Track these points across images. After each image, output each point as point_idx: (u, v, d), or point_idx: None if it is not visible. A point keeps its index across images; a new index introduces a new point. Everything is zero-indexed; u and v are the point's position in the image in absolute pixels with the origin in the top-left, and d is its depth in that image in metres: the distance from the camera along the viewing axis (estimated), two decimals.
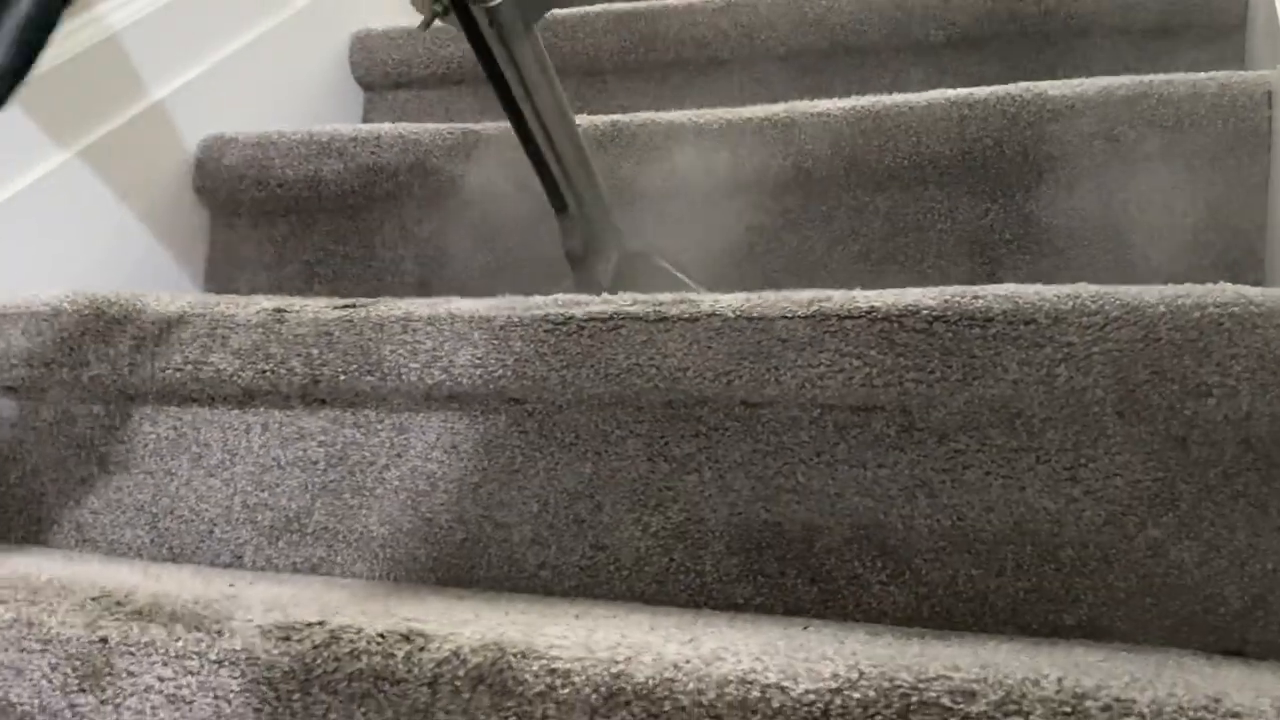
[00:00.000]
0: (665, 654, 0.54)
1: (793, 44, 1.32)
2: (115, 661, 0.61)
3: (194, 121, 1.21)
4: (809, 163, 1.04)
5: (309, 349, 0.84)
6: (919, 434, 0.72)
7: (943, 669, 0.50)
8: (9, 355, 0.92)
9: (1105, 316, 0.68)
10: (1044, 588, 0.69)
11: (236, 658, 0.58)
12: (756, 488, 0.75)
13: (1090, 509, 0.69)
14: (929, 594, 0.71)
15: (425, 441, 0.82)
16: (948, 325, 0.70)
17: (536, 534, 0.79)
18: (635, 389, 0.77)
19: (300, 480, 0.85)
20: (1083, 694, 0.48)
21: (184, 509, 0.88)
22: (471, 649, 0.55)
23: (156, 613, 0.62)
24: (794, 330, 0.73)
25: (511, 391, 0.80)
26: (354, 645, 0.57)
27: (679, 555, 0.76)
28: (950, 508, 0.71)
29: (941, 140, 1.01)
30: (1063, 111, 0.98)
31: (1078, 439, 0.69)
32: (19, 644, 0.63)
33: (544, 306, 0.80)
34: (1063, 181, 0.99)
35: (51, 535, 0.92)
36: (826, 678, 0.51)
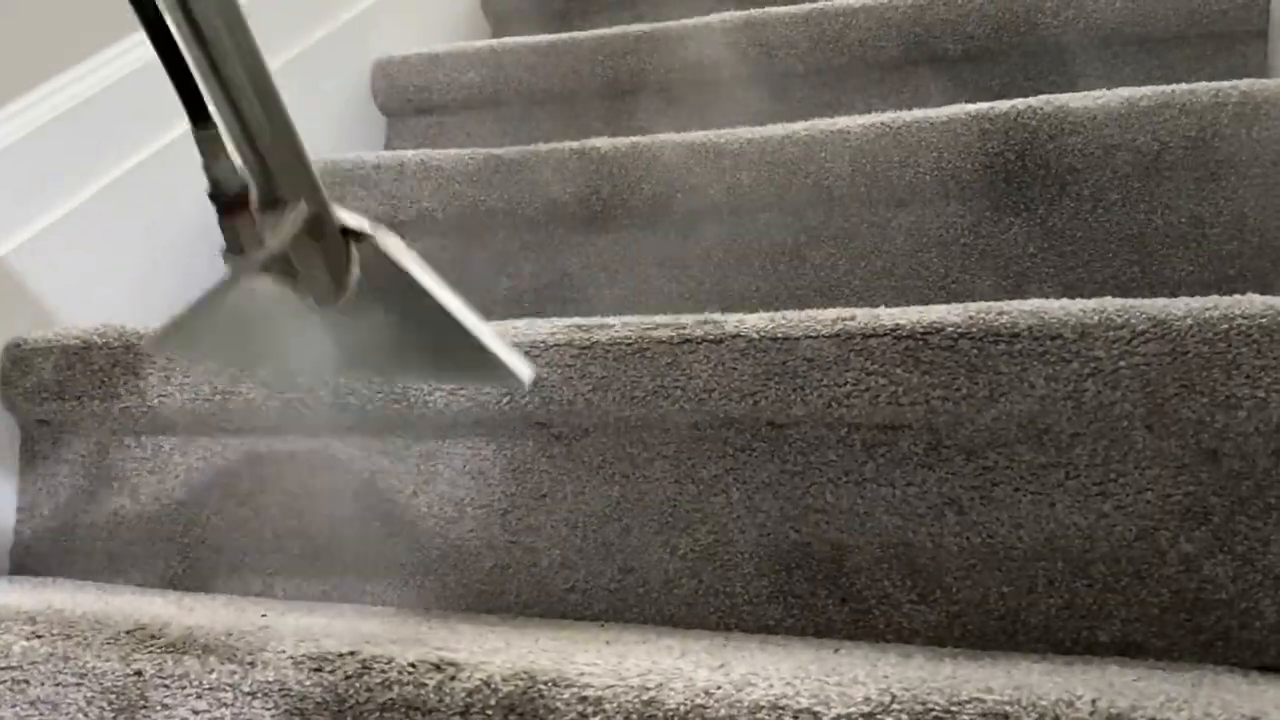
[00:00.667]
0: (696, 680, 0.54)
1: (811, 61, 1.32)
2: (150, 694, 0.61)
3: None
4: (830, 180, 1.04)
5: (336, 378, 0.84)
6: (947, 451, 0.72)
7: (976, 691, 0.50)
8: (41, 389, 0.93)
9: (1132, 330, 0.67)
10: (1076, 604, 0.69)
11: (270, 689, 0.59)
12: (785, 508, 0.75)
13: (1121, 524, 0.68)
14: (960, 612, 0.71)
15: (453, 468, 0.83)
16: (973, 342, 0.70)
17: (565, 558, 0.79)
18: (661, 411, 0.77)
19: (329, 508, 0.85)
20: (1117, 715, 0.48)
21: (215, 539, 0.88)
22: (503, 677, 0.55)
23: (190, 645, 0.62)
24: (819, 350, 0.73)
25: (537, 416, 0.80)
26: (385, 675, 0.57)
27: (708, 577, 0.76)
28: (980, 525, 0.71)
29: (963, 155, 1.01)
30: (1085, 124, 0.97)
31: (1107, 454, 0.69)
32: (55, 678, 0.63)
33: (569, 331, 0.80)
34: (1086, 194, 0.98)
35: (84, 567, 0.93)
36: (859, 701, 0.51)
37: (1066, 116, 0.98)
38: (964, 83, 1.26)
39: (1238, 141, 0.94)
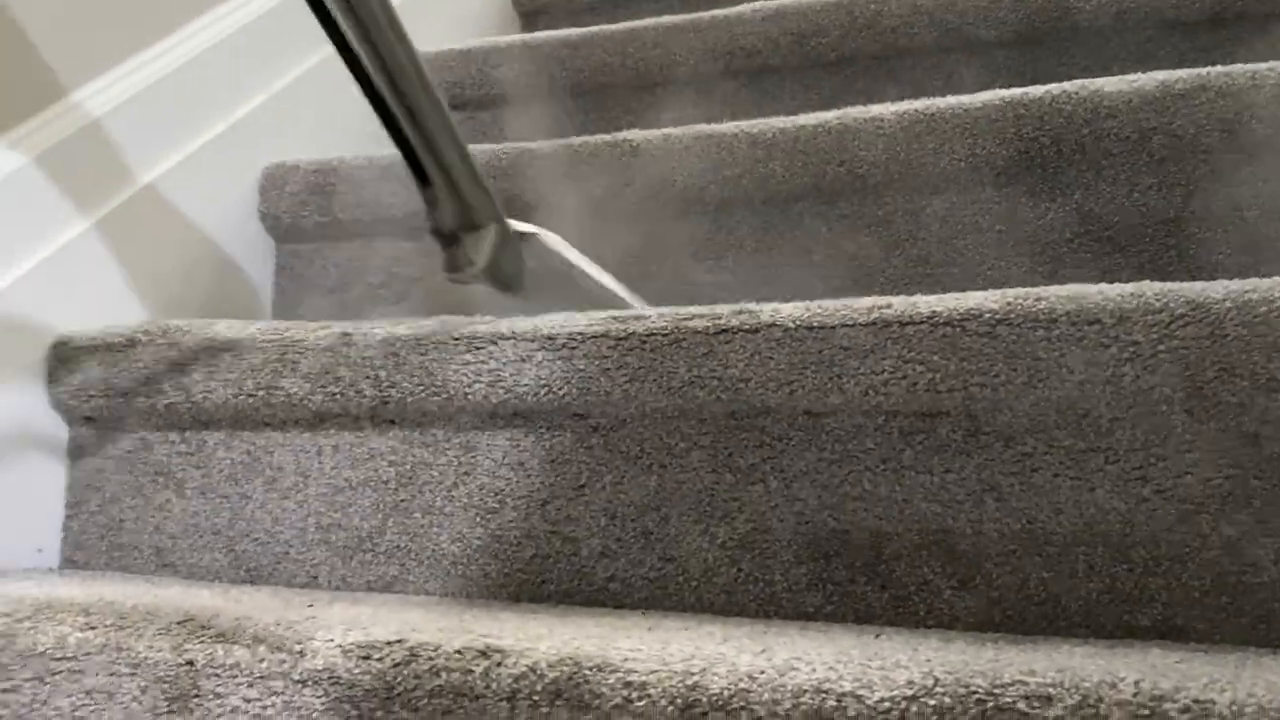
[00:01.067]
0: (739, 665, 0.54)
1: (843, 49, 1.32)
2: (202, 683, 0.62)
3: (256, 150, 1.24)
4: (864, 168, 1.04)
5: (377, 371, 0.85)
6: (985, 438, 0.72)
7: (1018, 674, 0.50)
8: (87, 386, 0.95)
9: (1171, 314, 0.67)
10: (1117, 589, 0.69)
11: (319, 677, 0.60)
12: (823, 496, 0.75)
13: (1162, 508, 0.68)
14: (1000, 598, 0.71)
15: (492, 459, 0.84)
16: (1011, 328, 0.70)
17: (605, 547, 0.80)
18: (698, 401, 0.78)
19: (372, 500, 0.86)
20: (1161, 696, 0.48)
21: (260, 531, 0.90)
22: (548, 663, 0.56)
23: (240, 635, 0.63)
24: (855, 338, 0.74)
25: (575, 407, 0.81)
26: (433, 662, 0.58)
27: (747, 565, 0.77)
28: (1019, 511, 0.71)
29: (997, 141, 1.00)
30: (1119, 108, 0.97)
31: (1147, 438, 0.69)
32: (109, 668, 0.65)
33: (605, 323, 0.81)
34: (1122, 179, 0.98)
35: (132, 561, 0.95)
36: (901, 685, 0.51)
37: (1101, 101, 0.98)
38: (998, 69, 1.26)
39: (1275, 123, 0.93)
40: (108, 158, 1.05)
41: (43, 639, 0.67)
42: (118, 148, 1.06)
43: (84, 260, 1.01)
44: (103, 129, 1.04)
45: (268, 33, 1.26)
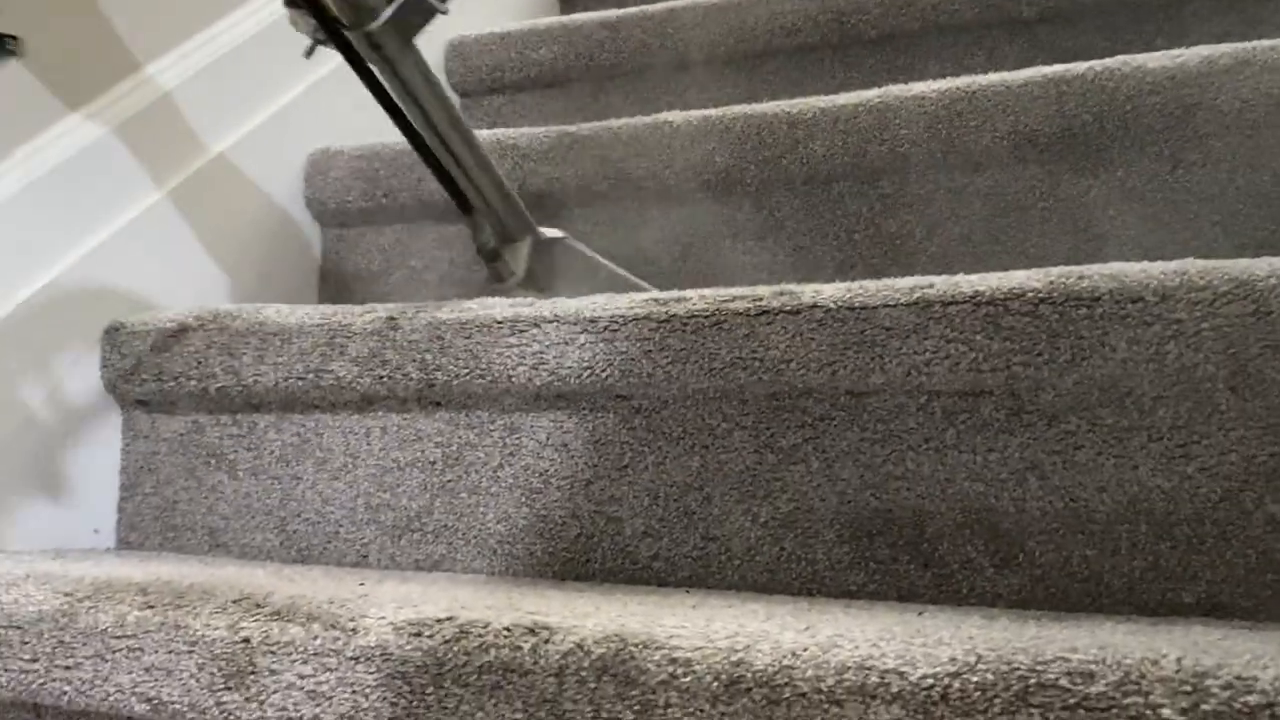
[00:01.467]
0: (783, 642, 0.55)
1: (884, 27, 1.31)
2: (258, 660, 0.64)
3: (301, 136, 1.25)
4: (905, 147, 1.04)
5: (423, 354, 0.87)
6: (1028, 417, 0.72)
7: (1060, 651, 0.51)
8: (140, 370, 0.97)
9: (1214, 291, 0.67)
10: (1160, 566, 0.69)
11: (371, 654, 0.61)
12: (865, 476, 0.76)
13: (1205, 486, 0.68)
14: (1043, 576, 0.71)
15: (537, 440, 0.85)
16: (1054, 307, 0.70)
17: (648, 527, 0.81)
18: (740, 382, 0.78)
19: (419, 481, 0.88)
20: (1203, 673, 0.48)
21: (310, 512, 0.91)
22: (595, 640, 0.57)
23: (294, 613, 0.65)
24: (897, 318, 0.74)
25: (618, 389, 0.82)
26: (482, 639, 0.59)
27: (789, 544, 0.77)
28: (1062, 489, 0.71)
29: (1040, 118, 1.00)
30: (1164, 83, 0.96)
31: (1190, 416, 0.69)
32: (168, 645, 0.66)
33: (646, 305, 0.81)
34: (1165, 155, 0.97)
35: (186, 541, 0.97)
36: (944, 662, 0.52)
37: (1145, 77, 0.97)
38: (1040, 45, 1.25)
39: None
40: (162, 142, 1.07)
41: (103, 618, 0.69)
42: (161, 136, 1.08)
43: (135, 246, 1.03)
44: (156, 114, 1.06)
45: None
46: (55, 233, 0.97)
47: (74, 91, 1.00)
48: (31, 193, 0.95)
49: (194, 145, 1.11)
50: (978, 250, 1.02)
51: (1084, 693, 0.49)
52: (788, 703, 0.53)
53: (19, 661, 0.70)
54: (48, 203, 0.96)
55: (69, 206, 0.98)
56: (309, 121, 1.26)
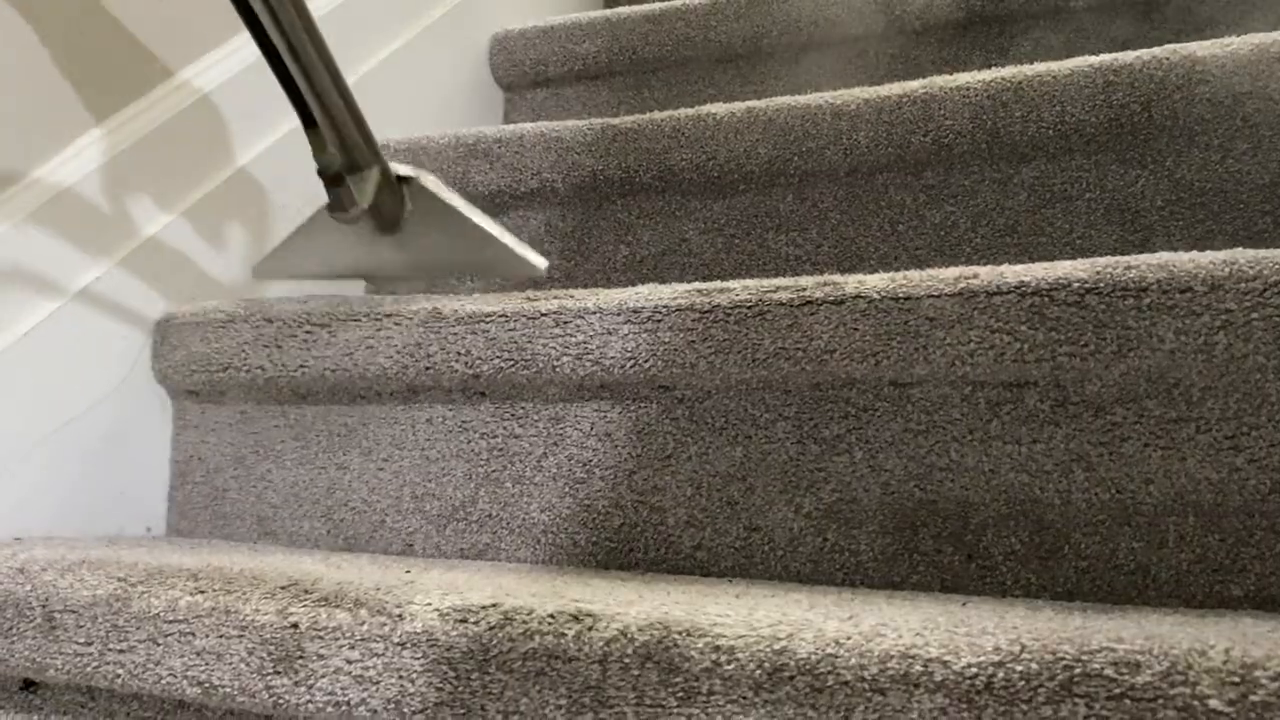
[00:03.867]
0: (826, 630, 0.55)
1: (928, 18, 1.30)
2: (306, 645, 0.65)
3: None
4: (950, 138, 1.04)
5: (467, 345, 0.87)
6: (1074, 408, 0.72)
7: (1106, 641, 0.51)
8: (190, 361, 0.99)
9: (1264, 281, 0.66)
10: (1208, 558, 0.68)
11: (418, 640, 0.62)
12: (909, 466, 0.76)
13: (1255, 477, 0.68)
14: (1088, 569, 0.71)
15: (580, 430, 0.85)
16: (1100, 297, 0.70)
17: (691, 517, 0.81)
18: (783, 372, 0.78)
19: (464, 470, 0.88)
20: (1251, 664, 0.48)
21: (357, 501, 0.92)
22: (638, 627, 0.57)
23: (342, 599, 0.65)
24: (941, 308, 0.74)
25: (661, 379, 0.82)
26: (527, 626, 0.60)
27: (832, 535, 0.77)
28: (1108, 481, 0.71)
29: (1087, 108, 0.99)
30: (1214, 72, 0.95)
31: (1239, 407, 0.68)
32: (218, 630, 0.68)
33: (689, 296, 0.81)
34: (1215, 144, 0.96)
35: (235, 529, 0.98)
36: (988, 651, 0.52)
37: (1194, 66, 0.96)
38: (1087, 34, 1.24)
39: None
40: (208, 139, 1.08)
41: (155, 602, 0.70)
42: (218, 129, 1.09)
43: (185, 239, 1.05)
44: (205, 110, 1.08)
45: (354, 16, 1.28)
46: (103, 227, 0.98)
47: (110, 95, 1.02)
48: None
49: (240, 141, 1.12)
50: (1023, 242, 1.01)
51: (1130, 683, 0.48)
52: (830, 691, 0.53)
53: (74, 645, 0.72)
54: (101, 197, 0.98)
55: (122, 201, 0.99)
56: None
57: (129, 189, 1.00)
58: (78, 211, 0.95)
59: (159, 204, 1.03)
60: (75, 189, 0.95)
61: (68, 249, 0.95)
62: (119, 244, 0.99)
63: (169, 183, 1.04)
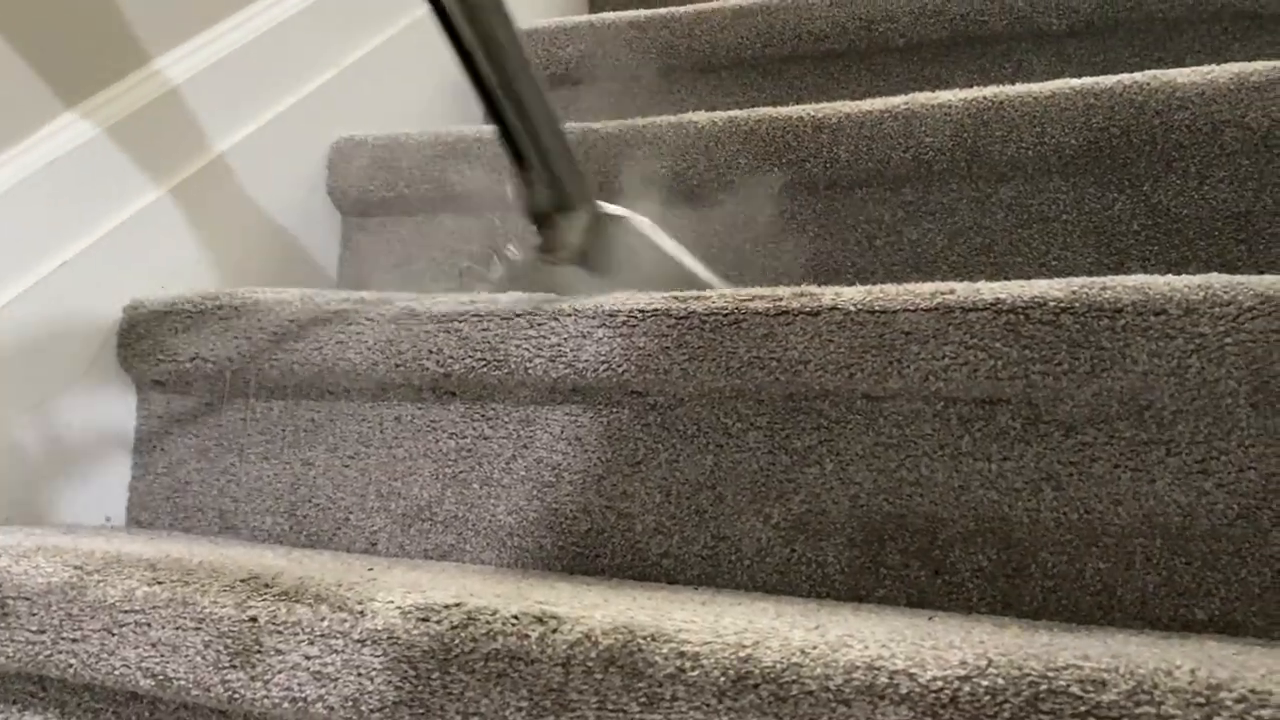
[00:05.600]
0: (792, 640, 0.55)
1: (912, 36, 1.31)
2: (264, 640, 0.64)
3: (325, 125, 1.26)
4: (929, 155, 1.04)
5: (439, 344, 0.87)
6: (1045, 427, 0.72)
7: (1072, 658, 0.50)
8: (156, 351, 0.97)
9: (1238, 307, 0.67)
10: (1174, 582, 0.68)
11: (378, 637, 0.61)
12: (879, 480, 0.75)
13: (1223, 502, 0.68)
14: (1055, 587, 0.71)
15: (550, 434, 0.84)
16: (1075, 317, 0.70)
17: (659, 524, 0.81)
18: (756, 382, 0.78)
19: (431, 470, 0.88)
20: (1217, 685, 0.48)
21: (321, 497, 0.91)
22: (603, 631, 0.57)
23: (302, 594, 0.64)
24: (917, 323, 0.74)
25: (634, 385, 0.82)
26: (490, 626, 0.59)
27: (800, 546, 0.77)
28: (1077, 501, 0.71)
29: (1066, 130, 0.99)
30: (1192, 99, 0.96)
31: (1210, 431, 0.68)
32: (175, 622, 0.66)
33: (665, 301, 0.81)
34: (1193, 171, 0.97)
35: (196, 522, 0.97)
36: (954, 665, 0.51)
37: (1174, 92, 0.96)
38: (1068, 58, 1.24)
39: None
40: (184, 125, 1.07)
41: (111, 592, 0.69)
42: (194, 116, 1.08)
43: (157, 226, 1.04)
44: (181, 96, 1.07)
45: (339, 9, 1.28)
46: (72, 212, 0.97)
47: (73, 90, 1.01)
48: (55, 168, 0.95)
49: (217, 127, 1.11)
50: (999, 261, 1.01)
51: (1095, 700, 0.48)
52: (795, 700, 0.53)
53: (26, 632, 0.70)
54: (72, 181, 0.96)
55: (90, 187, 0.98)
56: (333, 111, 1.26)
57: (101, 174, 0.99)
58: (45, 194, 0.94)
59: (130, 191, 1.02)
60: (44, 172, 0.94)
61: (33, 233, 0.93)
62: (87, 229, 0.97)
63: (141, 170, 1.02)
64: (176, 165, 1.06)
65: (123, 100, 1.02)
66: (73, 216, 0.96)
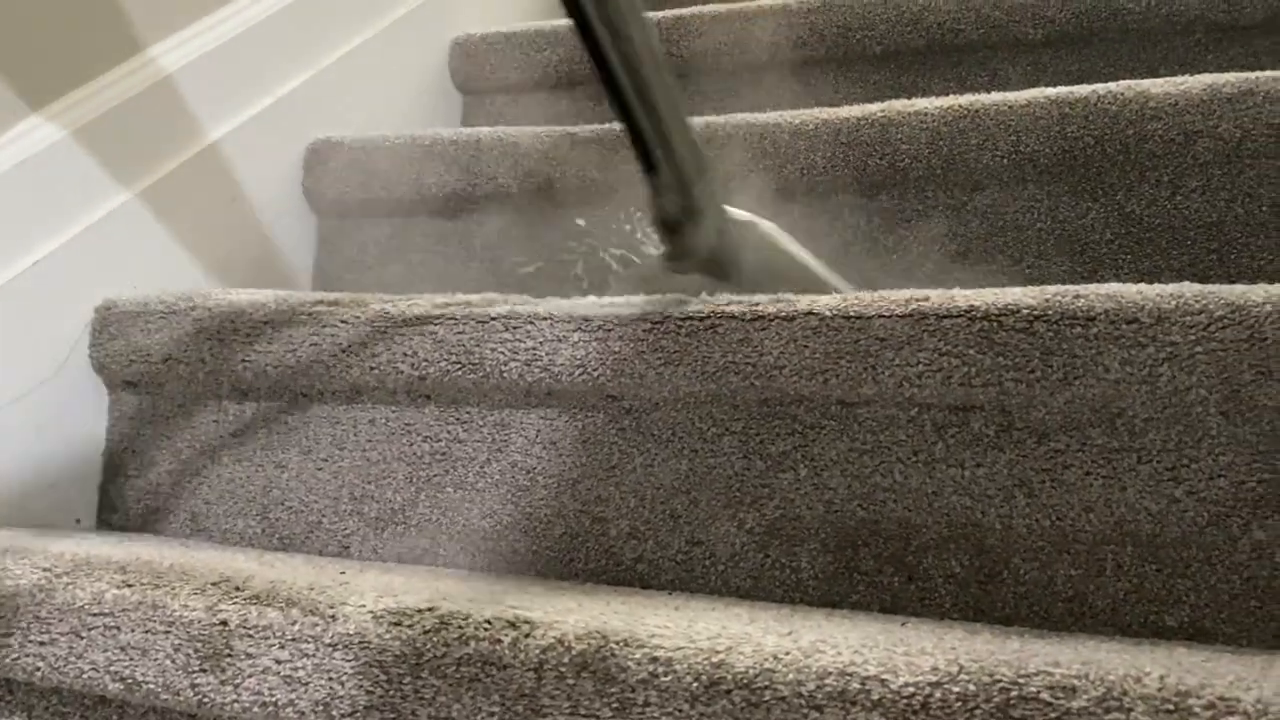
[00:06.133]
0: (765, 645, 0.55)
1: (889, 43, 1.31)
2: (235, 644, 0.63)
3: (302, 126, 1.25)
4: (906, 162, 1.04)
5: (414, 347, 0.86)
6: (1018, 433, 0.72)
7: (1043, 665, 0.51)
8: (128, 352, 0.96)
9: (1209, 316, 0.67)
10: (1145, 589, 0.69)
11: (350, 641, 0.61)
12: (853, 486, 0.76)
13: (1193, 510, 0.68)
14: (1027, 594, 0.71)
15: (525, 437, 0.84)
16: (1048, 324, 0.70)
17: (634, 529, 0.81)
18: (732, 387, 0.78)
19: (405, 473, 0.87)
20: (1186, 692, 0.48)
21: (294, 500, 0.91)
22: (576, 636, 0.57)
23: (273, 597, 0.64)
24: (892, 329, 0.74)
25: (609, 389, 0.82)
26: (462, 631, 0.59)
27: (774, 552, 0.77)
28: (1049, 507, 0.71)
29: (1041, 139, 1.00)
30: (1166, 109, 0.96)
31: (1180, 439, 0.69)
32: (144, 625, 0.66)
33: (641, 305, 0.81)
34: (1165, 180, 0.97)
35: (167, 524, 0.96)
36: (926, 671, 0.51)
37: (1148, 102, 0.97)
38: (1043, 68, 1.25)
39: None
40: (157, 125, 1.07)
41: (80, 594, 0.68)
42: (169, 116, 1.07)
43: (130, 226, 1.03)
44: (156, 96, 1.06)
45: (314, 12, 1.27)
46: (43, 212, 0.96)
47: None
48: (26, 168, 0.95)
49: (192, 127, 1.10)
50: (975, 267, 1.02)
51: (1066, 707, 0.49)
52: (767, 706, 0.53)
53: None
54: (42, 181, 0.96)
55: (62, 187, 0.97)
56: (311, 111, 1.26)
57: (72, 173, 0.98)
58: (15, 193, 0.93)
59: (102, 190, 1.01)
60: (14, 172, 0.93)
61: (5, 230, 0.92)
62: (59, 229, 0.97)
63: (113, 169, 1.02)
64: (149, 166, 1.05)
65: (95, 100, 1.01)
66: (44, 216, 0.95)
